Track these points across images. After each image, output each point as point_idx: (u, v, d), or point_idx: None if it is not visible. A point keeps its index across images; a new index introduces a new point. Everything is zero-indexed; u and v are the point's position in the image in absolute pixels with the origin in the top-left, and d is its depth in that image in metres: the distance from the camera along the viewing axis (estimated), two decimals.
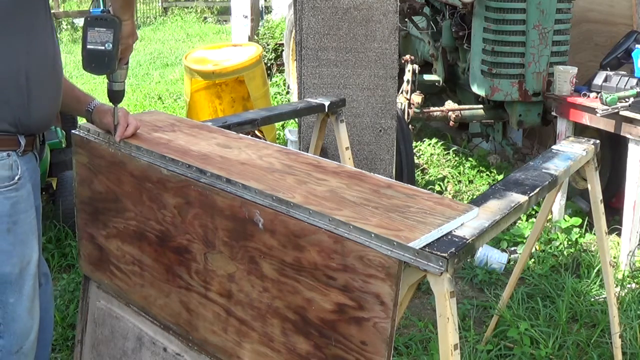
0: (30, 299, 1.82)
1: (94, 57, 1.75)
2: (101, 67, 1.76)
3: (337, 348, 1.47)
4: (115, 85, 1.86)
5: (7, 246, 1.74)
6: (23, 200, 1.78)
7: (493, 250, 3.48)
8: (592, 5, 4.60)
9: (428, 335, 2.78)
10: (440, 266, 1.32)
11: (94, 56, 1.75)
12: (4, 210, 1.72)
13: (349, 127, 2.90)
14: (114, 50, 1.74)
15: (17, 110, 1.74)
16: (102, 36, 1.72)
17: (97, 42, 1.73)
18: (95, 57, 1.75)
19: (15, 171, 1.75)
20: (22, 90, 1.73)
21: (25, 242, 1.79)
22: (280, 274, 1.55)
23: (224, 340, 1.73)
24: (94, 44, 1.73)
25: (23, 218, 1.78)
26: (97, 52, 1.74)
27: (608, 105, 3.36)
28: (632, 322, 2.81)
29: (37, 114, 1.78)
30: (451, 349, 1.38)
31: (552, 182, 1.85)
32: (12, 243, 1.75)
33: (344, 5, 3.06)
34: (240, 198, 1.61)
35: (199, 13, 13.24)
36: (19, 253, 1.77)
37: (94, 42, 1.73)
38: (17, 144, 1.77)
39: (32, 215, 1.82)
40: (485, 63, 4.04)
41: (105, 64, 1.76)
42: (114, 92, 1.86)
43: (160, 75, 8.18)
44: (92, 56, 1.75)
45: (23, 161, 1.79)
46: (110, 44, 1.73)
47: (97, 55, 1.74)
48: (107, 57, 1.74)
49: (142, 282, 1.94)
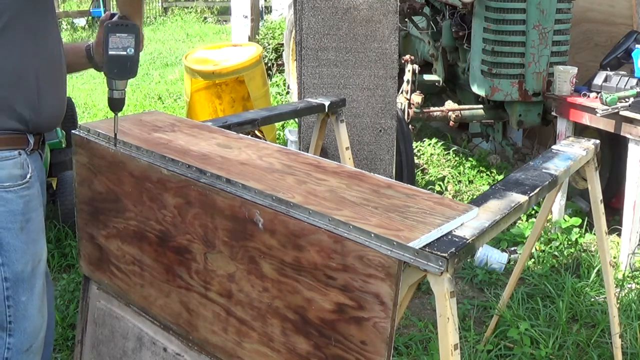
0: (40, 298, 1.84)
1: (117, 63, 1.76)
2: (124, 72, 1.78)
3: (337, 348, 1.47)
4: (115, 93, 1.85)
5: (20, 244, 1.76)
6: (34, 198, 1.80)
7: (493, 250, 3.48)
8: (592, 5, 4.60)
9: (428, 335, 2.78)
10: (440, 266, 1.32)
11: (116, 62, 1.76)
12: (17, 208, 1.74)
13: (349, 127, 2.90)
14: (136, 55, 1.77)
15: (28, 109, 1.76)
16: (124, 41, 1.74)
17: (119, 47, 1.75)
18: (118, 62, 1.76)
19: (26, 169, 1.77)
20: (32, 89, 1.76)
21: (36, 240, 1.81)
22: (280, 273, 1.55)
23: (224, 340, 1.73)
24: (115, 49, 1.75)
25: (34, 216, 1.80)
26: (120, 58, 1.75)
27: (608, 105, 3.36)
28: (632, 322, 2.81)
29: (46, 113, 1.80)
30: (451, 349, 1.38)
31: (552, 182, 1.85)
32: (25, 241, 1.76)
33: (344, 5, 3.06)
34: (240, 198, 1.61)
35: (199, 13, 13.24)
36: (32, 251, 1.79)
37: (116, 48, 1.75)
38: (26, 143, 1.79)
39: (42, 213, 1.85)
40: (485, 63, 4.04)
41: (128, 69, 1.78)
42: (114, 101, 1.86)
43: (160, 75, 8.19)
44: (114, 62, 1.76)
45: (31, 160, 1.82)
46: (132, 49, 1.75)
47: (120, 60, 1.76)
48: (129, 62, 1.77)
49: (142, 282, 1.95)
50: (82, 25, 11.69)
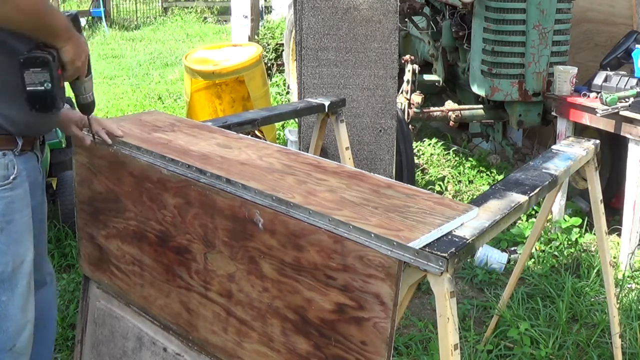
0: (23, 297, 1.81)
1: (37, 99, 1.65)
2: (46, 107, 1.68)
3: (337, 348, 1.47)
4: (82, 98, 1.83)
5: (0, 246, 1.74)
6: (18, 199, 1.77)
7: (493, 250, 3.48)
8: (592, 5, 4.60)
9: (428, 335, 2.78)
10: (440, 266, 1.32)
11: (36, 98, 1.65)
12: None
13: (349, 127, 2.90)
14: (54, 89, 1.64)
15: (15, 110, 1.73)
16: (39, 76, 1.63)
17: (35, 83, 1.63)
18: (38, 98, 1.65)
19: (10, 170, 1.74)
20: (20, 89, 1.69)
21: (19, 241, 1.78)
22: (280, 274, 1.55)
23: (224, 340, 1.73)
24: (32, 85, 1.64)
25: (18, 218, 1.76)
26: (38, 93, 1.64)
27: (608, 105, 3.36)
28: (632, 322, 2.81)
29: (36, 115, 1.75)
30: (451, 349, 1.38)
31: (552, 182, 1.85)
32: (5, 243, 1.74)
33: (344, 5, 3.06)
34: (240, 198, 1.61)
35: (199, 13, 13.24)
36: (12, 252, 1.76)
37: (33, 84, 1.64)
38: (14, 144, 1.76)
39: (27, 214, 1.81)
40: (485, 63, 4.04)
41: (49, 104, 1.67)
42: (83, 106, 1.85)
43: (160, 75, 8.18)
44: (34, 98, 1.65)
45: (20, 160, 1.78)
46: (49, 83, 1.63)
47: (39, 96, 1.65)
48: (49, 97, 1.65)
49: (142, 282, 1.94)
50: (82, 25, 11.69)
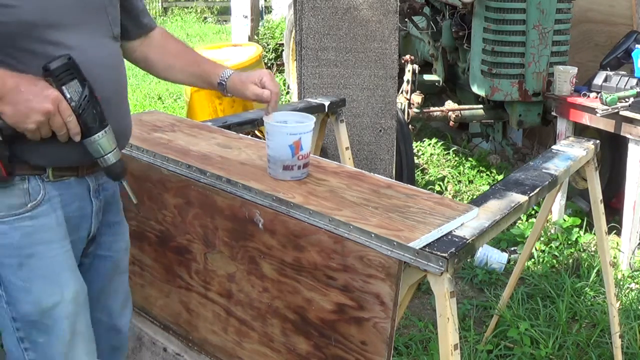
0: (65, 344, 1.53)
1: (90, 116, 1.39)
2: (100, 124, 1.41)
3: (337, 348, 1.47)
4: (101, 161, 1.45)
5: (19, 282, 1.48)
6: (44, 230, 1.48)
7: (493, 250, 3.48)
8: (592, 5, 4.60)
9: (428, 335, 2.78)
10: (440, 266, 1.32)
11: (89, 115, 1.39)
12: (11, 242, 1.45)
13: (349, 127, 2.90)
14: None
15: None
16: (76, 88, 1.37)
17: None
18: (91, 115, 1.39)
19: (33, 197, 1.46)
20: None
21: (48, 278, 1.49)
22: (280, 274, 1.55)
23: (224, 340, 1.73)
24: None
25: (43, 251, 1.48)
26: None
27: (608, 105, 3.36)
28: (632, 322, 2.81)
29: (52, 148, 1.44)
30: (451, 349, 1.38)
31: (552, 182, 1.85)
32: (26, 279, 1.48)
33: (344, 5, 3.06)
34: (240, 198, 1.61)
35: (199, 13, 13.24)
36: (38, 290, 1.49)
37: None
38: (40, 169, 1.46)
39: (61, 248, 1.51)
40: (485, 63, 4.03)
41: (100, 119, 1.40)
42: (106, 170, 1.47)
43: None
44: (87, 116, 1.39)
45: (55, 186, 1.49)
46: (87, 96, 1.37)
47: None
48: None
49: (142, 282, 1.95)
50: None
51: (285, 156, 1.61)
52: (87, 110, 1.39)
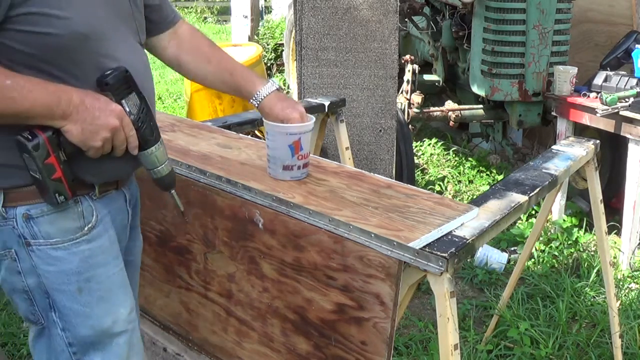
0: (123, 357, 1.51)
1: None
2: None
3: (337, 348, 1.47)
4: (154, 172, 1.46)
5: (79, 308, 1.43)
6: (101, 252, 1.44)
7: (493, 250, 3.48)
8: (592, 5, 4.60)
9: (428, 335, 2.78)
10: (440, 266, 1.32)
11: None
12: (70, 267, 1.40)
13: (349, 127, 2.90)
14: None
15: None
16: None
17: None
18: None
19: (88, 219, 1.41)
20: None
21: (106, 299, 1.46)
22: (280, 274, 1.55)
23: (224, 340, 1.73)
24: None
25: (101, 273, 1.44)
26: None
27: (608, 105, 3.36)
28: (632, 322, 2.81)
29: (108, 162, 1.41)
30: (451, 349, 1.38)
31: (552, 182, 1.85)
32: (86, 304, 1.43)
33: (344, 5, 3.06)
34: (240, 198, 1.61)
35: (199, 13, 13.24)
36: (98, 314, 1.45)
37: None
38: (89, 187, 1.42)
39: (116, 266, 1.48)
40: (485, 63, 4.04)
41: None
42: (158, 181, 1.48)
43: (160, 75, 8.18)
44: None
45: (102, 204, 1.45)
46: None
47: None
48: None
49: (142, 282, 1.94)
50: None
51: (285, 156, 1.61)
52: (145, 123, 1.38)
